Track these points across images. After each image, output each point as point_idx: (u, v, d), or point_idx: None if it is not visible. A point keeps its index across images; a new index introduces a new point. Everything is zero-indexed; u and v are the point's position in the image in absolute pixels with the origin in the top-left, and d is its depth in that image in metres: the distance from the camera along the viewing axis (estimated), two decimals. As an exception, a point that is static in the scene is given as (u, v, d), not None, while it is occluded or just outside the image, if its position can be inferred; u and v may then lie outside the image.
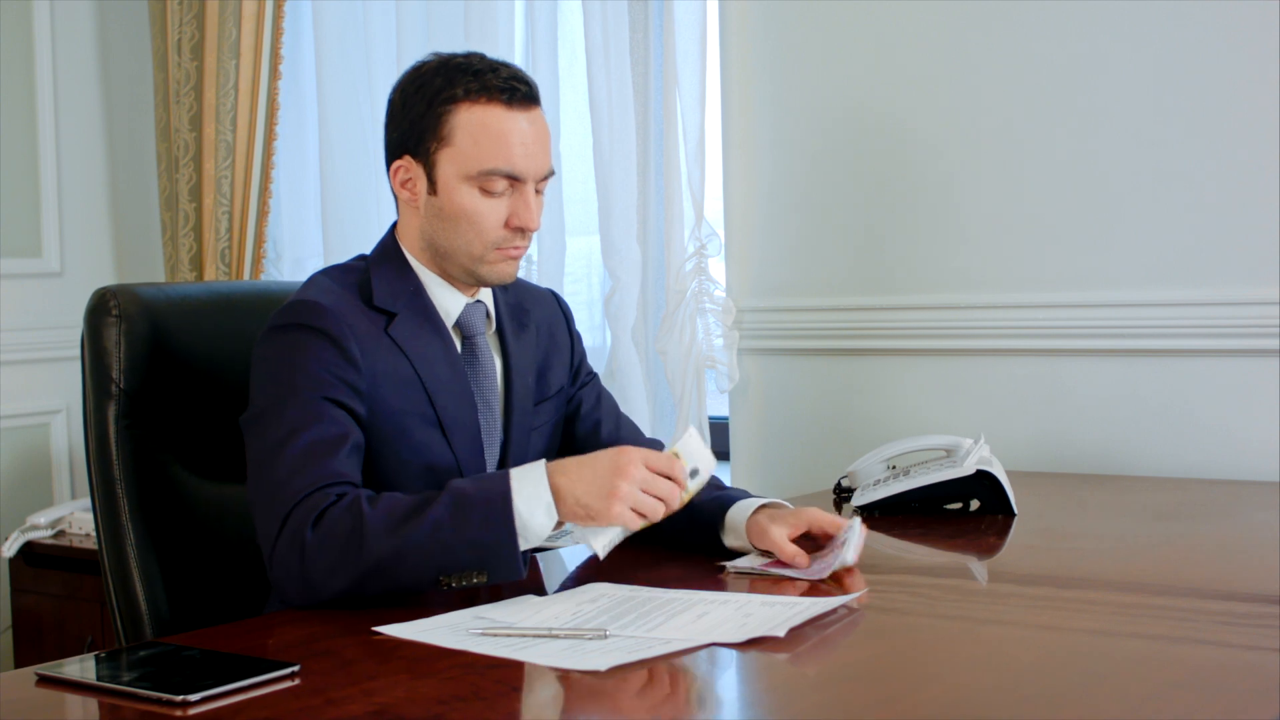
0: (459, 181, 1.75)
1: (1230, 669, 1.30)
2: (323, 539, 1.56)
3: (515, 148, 1.74)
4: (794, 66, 2.77)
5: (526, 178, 1.76)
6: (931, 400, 2.65)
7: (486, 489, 1.58)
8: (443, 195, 1.76)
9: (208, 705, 1.22)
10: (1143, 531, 1.99)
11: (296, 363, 1.68)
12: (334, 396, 1.67)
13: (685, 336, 2.78)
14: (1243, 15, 2.33)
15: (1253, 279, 2.33)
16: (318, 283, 1.79)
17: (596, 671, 1.28)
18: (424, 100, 1.76)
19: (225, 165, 3.36)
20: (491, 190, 1.75)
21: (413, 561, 1.55)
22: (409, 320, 1.77)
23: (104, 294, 1.93)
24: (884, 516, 2.10)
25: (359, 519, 1.55)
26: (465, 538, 1.55)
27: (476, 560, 1.55)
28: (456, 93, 1.75)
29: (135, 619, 1.88)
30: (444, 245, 1.79)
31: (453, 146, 1.75)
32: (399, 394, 1.74)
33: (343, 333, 1.70)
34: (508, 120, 1.75)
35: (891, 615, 1.53)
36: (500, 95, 1.75)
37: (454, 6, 3.11)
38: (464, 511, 1.55)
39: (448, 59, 1.79)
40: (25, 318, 3.56)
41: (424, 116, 1.76)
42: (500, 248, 1.77)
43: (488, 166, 1.74)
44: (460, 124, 1.74)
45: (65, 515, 3.30)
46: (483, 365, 1.84)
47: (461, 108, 1.74)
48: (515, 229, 1.76)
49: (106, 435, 1.90)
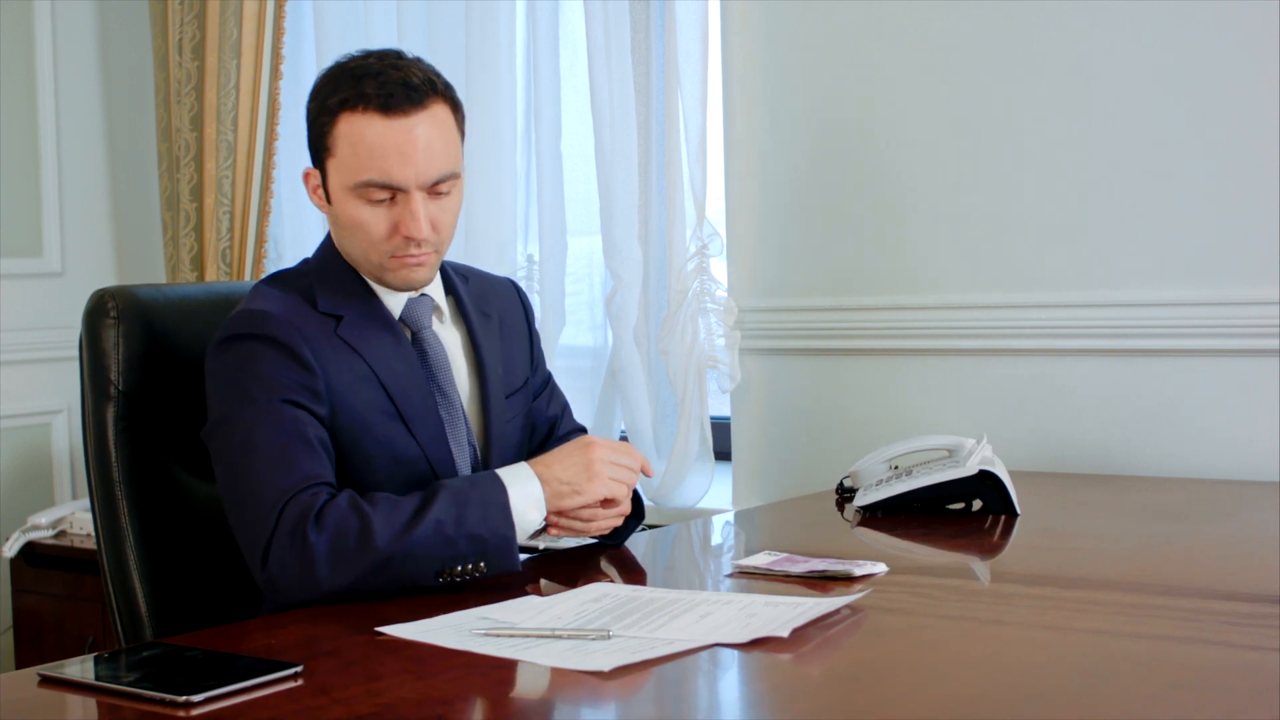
0: (343, 192, 1.76)
1: (1233, 669, 1.30)
2: (331, 537, 1.58)
3: (390, 158, 1.72)
4: (796, 66, 2.77)
5: (407, 186, 1.73)
6: (933, 400, 2.65)
7: (483, 487, 1.66)
8: (336, 205, 1.78)
9: (211, 706, 1.22)
10: (1145, 532, 1.99)
11: (250, 370, 1.70)
12: (291, 399, 1.68)
13: (687, 336, 2.78)
14: (1242, 15, 2.33)
15: (1254, 279, 2.33)
16: (263, 292, 1.80)
17: (600, 672, 1.28)
18: (316, 108, 1.78)
19: (226, 165, 3.36)
20: (373, 199, 1.74)
21: (418, 557, 1.60)
22: (357, 320, 1.79)
23: (102, 295, 1.93)
24: (886, 516, 2.10)
25: (365, 518, 1.59)
26: (466, 533, 1.62)
27: (476, 554, 1.63)
28: (337, 101, 1.74)
29: (135, 620, 1.88)
30: (349, 252, 1.81)
31: (336, 157, 1.75)
32: (357, 392, 1.75)
33: (292, 338, 1.71)
34: (384, 129, 1.72)
35: (895, 615, 1.53)
36: (375, 102, 1.72)
37: (455, 6, 3.11)
38: (464, 508, 1.63)
39: (345, 62, 1.78)
40: (26, 318, 3.56)
41: (314, 125, 1.78)
42: (396, 255, 1.77)
43: (363, 178, 1.73)
44: (340, 134, 1.74)
45: (66, 515, 3.30)
46: (433, 358, 1.84)
47: (341, 118, 1.74)
48: (405, 238, 1.75)
49: (105, 437, 1.90)
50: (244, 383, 1.69)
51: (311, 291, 1.80)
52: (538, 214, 3.01)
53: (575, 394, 3.07)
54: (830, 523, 2.17)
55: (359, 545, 1.58)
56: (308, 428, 1.68)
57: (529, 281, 3.06)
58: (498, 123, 3.01)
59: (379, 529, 1.58)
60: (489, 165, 3.01)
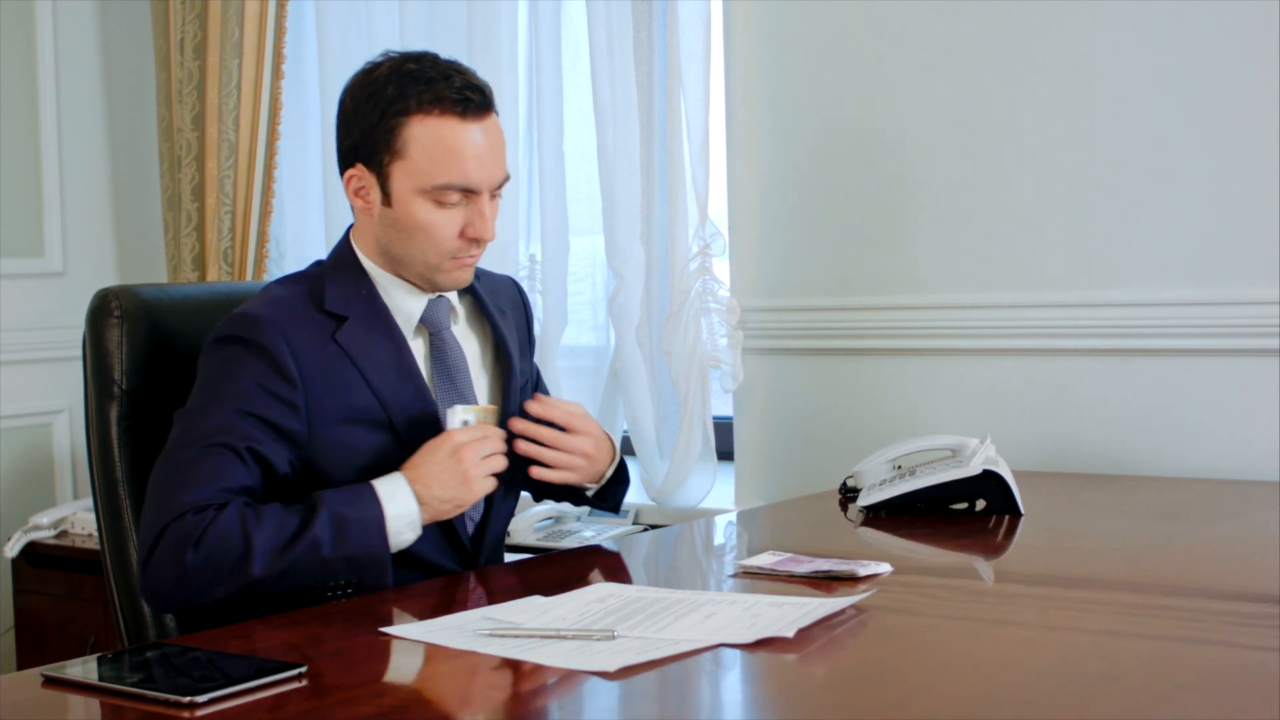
0: (413, 194, 1.75)
1: (1238, 670, 1.30)
2: (206, 558, 1.62)
3: (469, 160, 1.74)
4: (798, 66, 2.77)
5: (481, 189, 1.76)
6: (936, 400, 2.64)
7: (361, 510, 1.66)
8: (397, 207, 1.76)
9: (215, 706, 1.22)
10: (1149, 532, 1.98)
11: (230, 374, 1.72)
12: (257, 411, 1.69)
13: (689, 336, 2.78)
14: (1242, 15, 2.33)
15: (1256, 278, 2.33)
16: (269, 292, 1.81)
17: (605, 672, 1.28)
18: (376, 110, 1.74)
19: (228, 165, 3.36)
20: (446, 202, 1.75)
21: (293, 578, 1.64)
22: (359, 324, 1.78)
23: (106, 295, 1.93)
24: (890, 517, 2.10)
25: (246, 542, 1.62)
26: (343, 554, 1.64)
27: (352, 572, 1.66)
28: (409, 104, 1.73)
29: (139, 621, 1.88)
30: (399, 254, 1.80)
31: (406, 160, 1.74)
32: (343, 401, 1.75)
33: (279, 347, 1.72)
34: (461, 132, 1.74)
35: (900, 616, 1.53)
36: (454, 107, 1.73)
37: (457, 6, 3.11)
38: (342, 531, 1.64)
39: (399, 63, 1.77)
40: (27, 318, 3.55)
41: (376, 127, 1.75)
42: (456, 257, 1.78)
43: (442, 181, 1.74)
44: (414, 137, 1.73)
45: (68, 515, 3.30)
46: (452, 359, 1.85)
47: (414, 120, 1.73)
48: (470, 239, 1.77)
49: (109, 436, 1.90)
50: (219, 384, 1.72)
51: (321, 291, 1.79)
52: (540, 214, 3.01)
53: (578, 394, 3.07)
54: (833, 523, 2.17)
55: (234, 570, 1.62)
56: (253, 444, 1.69)
57: (531, 281, 3.05)
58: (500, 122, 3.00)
59: (256, 555, 1.61)
60: (491, 165, 3.00)
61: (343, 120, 1.80)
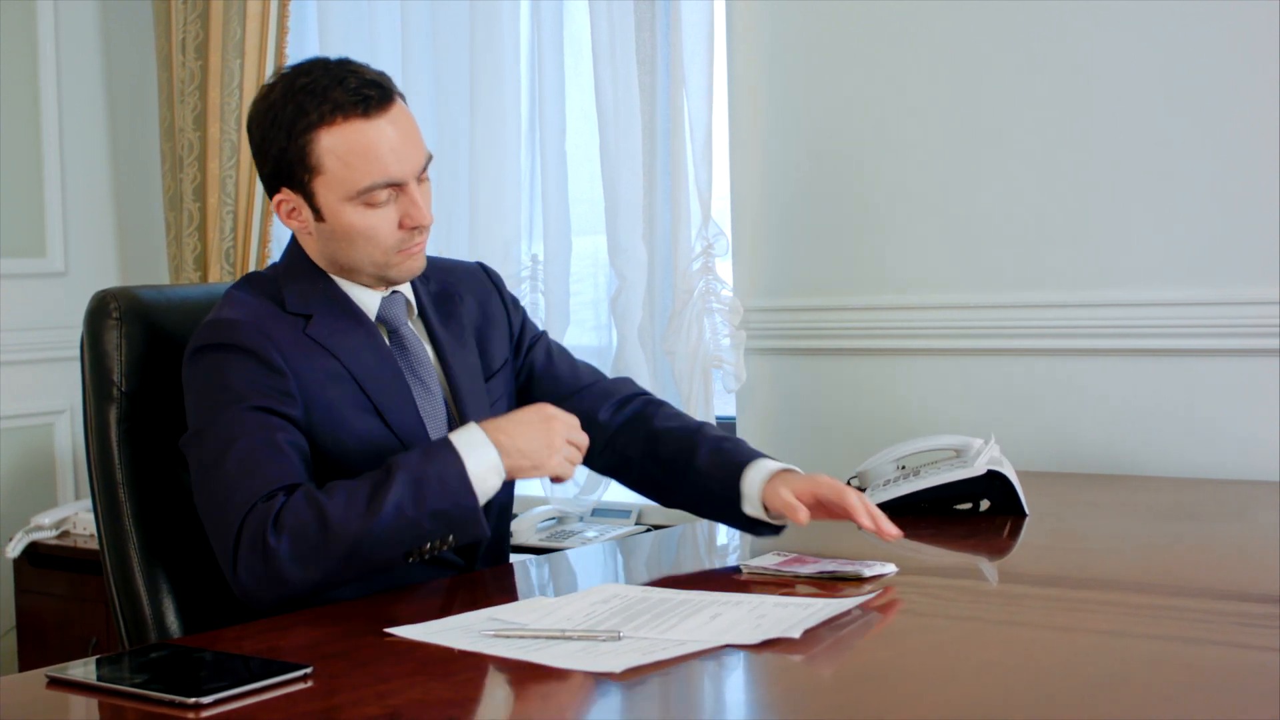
0: (342, 204, 1.74)
1: (1247, 671, 1.29)
2: (289, 536, 1.59)
3: (386, 156, 1.73)
4: (801, 66, 2.77)
5: (406, 180, 1.75)
6: (940, 400, 2.64)
7: (439, 462, 1.63)
8: (330, 220, 1.76)
9: (220, 708, 1.22)
10: (1154, 532, 1.98)
11: (221, 382, 1.71)
12: (263, 405, 1.69)
13: (692, 336, 2.77)
14: (1243, 15, 2.33)
15: (1257, 278, 2.32)
16: (233, 297, 1.82)
17: (611, 673, 1.28)
18: (282, 133, 1.74)
19: (230, 165, 3.35)
20: (376, 202, 1.74)
21: (383, 543, 1.60)
22: (325, 318, 1.79)
23: (104, 296, 1.92)
24: (894, 517, 2.09)
25: (320, 511, 1.60)
26: (429, 511, 1.61)
27: (443, 528, 1.62)
28: (311, 119, 1.72)
29: (139, 623, 1.88)
30: (347, 262, 1.80)
31: (325, 173, 1.73)
32: (330, 390, 1.76)
33: (260, 343, 1.72)
34: (371, 131, 1.72)
35: (906, 616, 1.53)
36: (355, 109, 1.72)
37: (459, 6, 3.10)
38: (422, 488, 1.61)
39: (291, 80, 1.76)
40: (29, 318, 3.55)
41: (287, 150, 1.74)
42: (401, 249, 1.78)
43: (365, 184, 1.73)
44: (325, 149, 1.72)
45: (69, 515, 3.30)
46: (414, 352, 1.86)
47: (321, 133, 1.72)
48: (410, 229, 1.77)
49: (108, 438, 1.90)
50: (214, 393, 1.71)
51: (280, 293, 1.81)
52: (542, 214, 3.00)
53: (580, 394, 3.07)
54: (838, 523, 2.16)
55: (321, 541, 1.59)
56: (276, 432, 1.69)
57: (533, 281, 3.05)
58: (502, 122, 3.00)
59: (337, 523, 1.59)
60: (493, 165, 3.00)
61: (255, 150, 1.80)
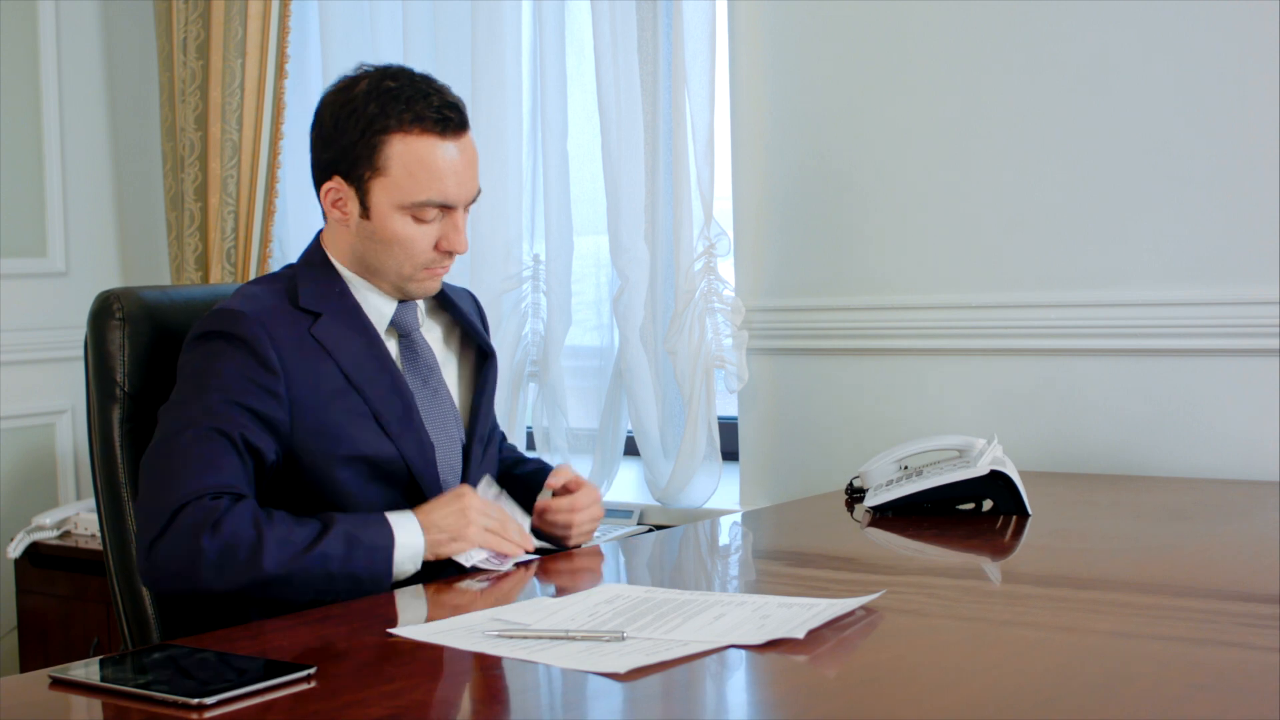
0: (392, 210, 1.81)
1: (1253, 671, 1.29)
2: (221, 546, 1.64)
3: (448, 178, 1.81)
4: (803, 66, 2.76)
5: (458, 205, 1.84)
6: (942, 400, 2.64)
7: (373, 536, 1.71)
8: (376, 220, 1.83)
9: (223, 709, 1.22)
10: (1158, 532, 1.98)
11: (213, 368, 1.76)
12: (244, 401, 1.74)
13: (694, 336, 2.77)
14: (1243, 16, 2.33)
15: (1258, 278, 2.32)
16: (245, 290, 1.87)
17: (615, 674, 1.27)
18: (357, 127, 1.80)
19: (231, 165, 3.35)
20: (423, 218, 1.82)
21: (297, 585, 1.67)
22: (333, 320, 1.84)
23: (107, 297, 1.93)
24: (897, 517, 2.09)
25: (259, 536, 1.66)
26: (348, 572, 1.69)
27: (349, 590, 1.70)
28: (390, 122, 1.80)
29: (142, 623, 1.88)
30: (375, 264, 1.86)
31: (387, 176, 1.80)
32: (326, 394, 1.80)
33: (259, 338, 1.76)
34: (441, 151, 1.81)
35: (910, 617, 1.52)
36: (434, 126, 1.80)
37: (461, 6, 3.10)
38: (352, 550, 1.69)
39: (378, 80, 1.83)
40: (30, 318, 3.55)
41: (357, 144, 1.81)
42: (429, 268, 1.86)
43: (421, 198, 1.81)
44: (395, 154, 1.80)
45: (71, 516, 3.29)
46: (423, 358, 1.91)
47: (395, 138, 1.79)
48: (444, 252, 1.85)
49: (111, 438, 1.90)
50: (204, 378, 1.75)
51: (295, 288, 1.85)
52: (544, 214, 3.00)
53: (581, 394, 3.07)
54: (840, 523, 2.16)
55: (247, 561, 1.65)
56: (245, 431, 1.73)
57: (535, 281, 3.05)
58: (504, 122, 3.00)
59: (269, 552, 1.65)
60: (495, 165, 2.99)
61: (320, 135, 1.86)
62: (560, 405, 3.00)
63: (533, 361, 3.05)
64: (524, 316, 3.05)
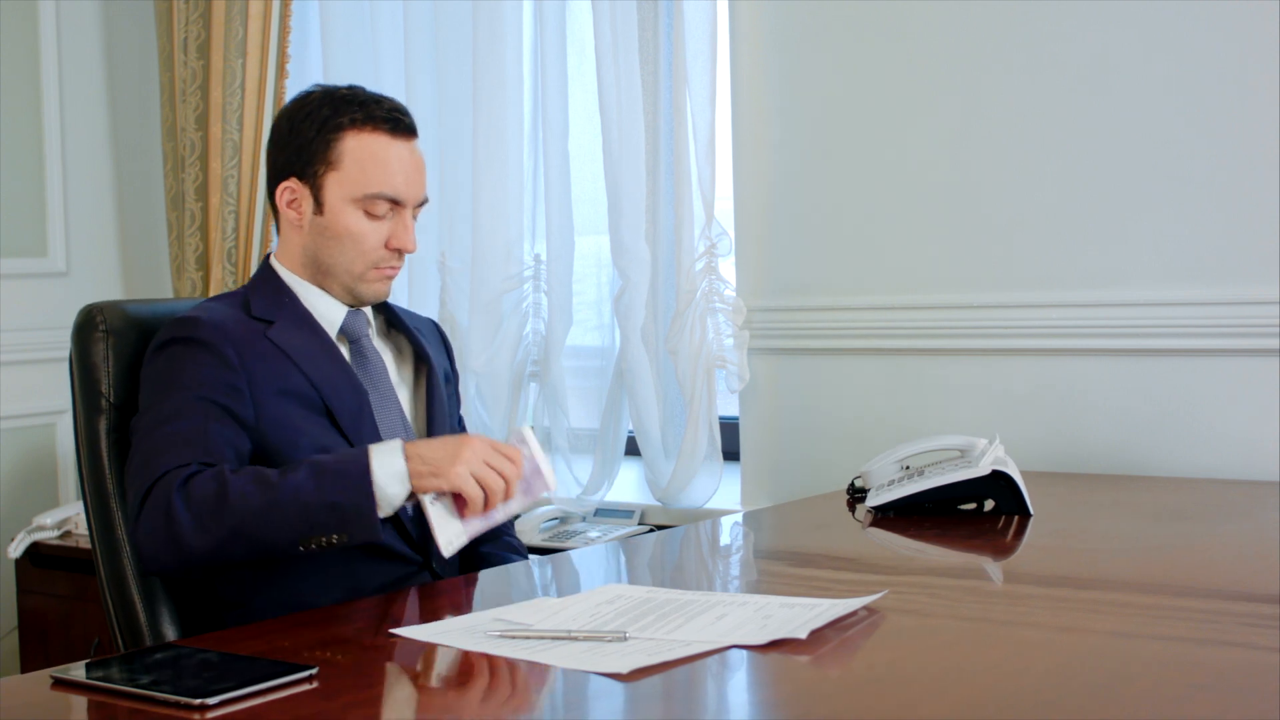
0: (345, 203, 1.89)
1: (1255, 671, 1.29)
2: (189, 500, 1.67)
3: (398, 174, 1.90)
4: (805, 66, 2.76)
5: (407, 202, 1.91)
6: (944, 400, 2.64)
7: (344, 458, 1.70)
8: (329, 215, 1.90)
9: (225, 709, 1.22)
10: (1159, 532, 1.98)
11: (177, 371, 1.81)
12: (211, 396, 1.78)
13: (695, 336, 2.77)
14: (1243, 16, 2.33)
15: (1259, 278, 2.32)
16: (200, 304, 1.94)
17: (618, 674, 1.27)
18: (313, 127, 1.90)
19: (232, 165, 3.35)
20: (374, 213, 1.89)
21: (274, 522, 1.66)
22: (286, 325, 1.90)
23: (90, 310, 1.98)
24: (898, 517, 2.09)
25: (223, 483, 1.68)
26: (325, 501, 1.66)
27: (336, 522, 1.67)
28: (343, 120, 1.89)
29: (135, 631, 1.89)
30: (326, 262, 1.92)
31: (340, 170, 1.89)
32: (284, 392, 1.84)
33: (218, 339, 1.82)
34: (392, 148, 1.90)
35: (912, 617, 1.52)
36: (385, 125, 1.90)
37: (462, 5, 3.10)
38: (322, 477, 1.68)
39: (332, 91, 1.94)
40: (30, 318, 3.55)
41: (313, 142, 1.90)
42: (379, 267, 1.92)
43: (373, 190, 1.88)
44: (348, 150, 1.89)
45: (71, 516, 3.29)
46: (372, 364, 1.96)
47: (349, 134, 1.89)
48: (393, 250, 1.91)
49: (98, 448, 1.92)
50: (170, 381, 1.80)
51: (248, 301, 1.92)
52: (545, 213, 3.00)
53: (582, 394, 3.07)
54: (841, 523, 2.16)
55: (217, 510, 1.66)
56: (213, 422, 1.77)
57: (536, 281, 3.05)
58: (504, 122, 3.00)
59: (237, 495, 1.66)
60: (496, 165, 3.00)
61: (277, 140, 1.94)
62: (561, 405, 3.01)
63: (534, 361, 3.05)
64: (525, 316, 3.05)
